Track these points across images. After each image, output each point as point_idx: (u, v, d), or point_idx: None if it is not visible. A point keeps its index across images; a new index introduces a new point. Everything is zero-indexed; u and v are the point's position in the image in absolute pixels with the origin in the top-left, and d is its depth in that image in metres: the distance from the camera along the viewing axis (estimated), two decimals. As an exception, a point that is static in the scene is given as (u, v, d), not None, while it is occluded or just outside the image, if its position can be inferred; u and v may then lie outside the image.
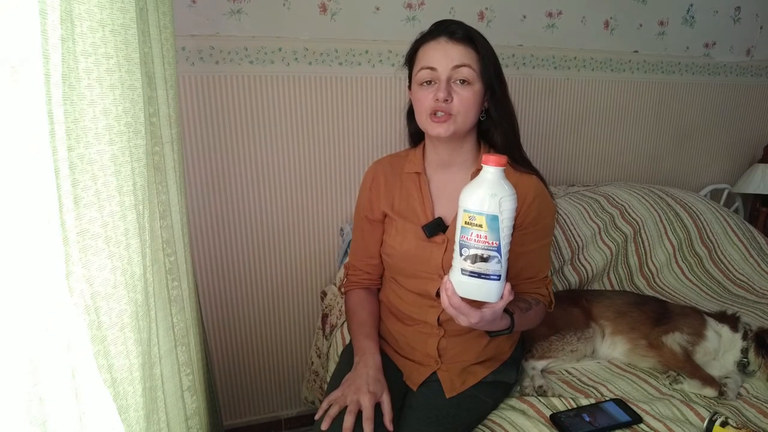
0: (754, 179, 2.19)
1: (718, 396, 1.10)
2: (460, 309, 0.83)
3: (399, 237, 1.09)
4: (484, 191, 0.77)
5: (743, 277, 1.75)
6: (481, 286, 0.80)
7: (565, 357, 1.23)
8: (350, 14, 1.60)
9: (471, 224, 0.78)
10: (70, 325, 0.53)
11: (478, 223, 0.77)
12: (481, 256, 0.78)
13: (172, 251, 0.92)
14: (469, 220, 0.78)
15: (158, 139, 0.86)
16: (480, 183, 0.79)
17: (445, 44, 0.97)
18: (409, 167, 1.11)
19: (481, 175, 0.80)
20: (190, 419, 0.96)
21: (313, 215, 1.75)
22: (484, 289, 0.80)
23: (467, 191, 0.80)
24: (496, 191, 0.77)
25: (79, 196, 0.55)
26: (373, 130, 1.73)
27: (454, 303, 0.83)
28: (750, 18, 2.14)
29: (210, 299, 1.70)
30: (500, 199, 0.77)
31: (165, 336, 0.83)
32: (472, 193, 0.79)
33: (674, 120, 2.16)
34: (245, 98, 1.57)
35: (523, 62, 1.84)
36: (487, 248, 0.78)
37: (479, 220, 0.77)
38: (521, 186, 1.04)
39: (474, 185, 0.79)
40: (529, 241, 1.04)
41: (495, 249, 0.78)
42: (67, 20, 0.52)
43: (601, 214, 1.76)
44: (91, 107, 0.57)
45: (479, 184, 0.79)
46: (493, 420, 1.05)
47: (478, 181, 0.80)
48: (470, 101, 0.98)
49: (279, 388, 1.88)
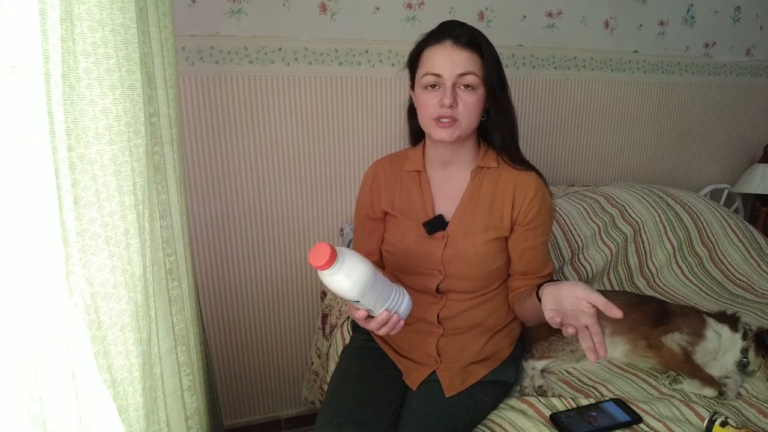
0: (754, 179, 2.19)
1: (718, 396, 1.10)
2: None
3: (399, 234, 1.09)
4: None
5: (743, 277, 1.75)
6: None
7: (565, 357, 1.23)
8: (350, 14, 1.60)
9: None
10: (70, 325, 0.53)
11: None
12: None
13: (172, 251, 0.92)
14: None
15: (158, 139, 0.86)
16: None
17: (451, 49, 0.96)
18: (410, 165, 1.12)
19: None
20: (190, 419, 0.96)
21: (313, 215, 1.75)
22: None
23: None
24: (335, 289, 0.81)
25: (79, 195, 0.55)
26: (373, 130, 1.73)
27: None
28: (750, 18, 2.14)
29: (210, 299, 1.70)
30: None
31: (165, 336, 0.83)
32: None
33: (674, 120, 2.16)
34: (245, 98, 1.57)
35: (523, 62, 1.84)
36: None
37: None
38: (521, 183, 1.05)
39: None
40: (532, 237, 1.05)
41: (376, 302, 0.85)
42: (67, 20, 0.51)
43: (601, 214, 1.76)
44: (91, 107, 0.57)
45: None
46: (493, 420, 1.05)
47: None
48: (474, 106, 0.98)
49: (279, 388, 1.88)
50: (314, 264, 0.76)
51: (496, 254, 1.06)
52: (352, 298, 0.81)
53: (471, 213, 1.06)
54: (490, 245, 1.05)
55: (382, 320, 0.86)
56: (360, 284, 0.79)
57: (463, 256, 1.05)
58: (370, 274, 0.81)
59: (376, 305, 0.84)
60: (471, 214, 1.06)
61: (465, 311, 1.08)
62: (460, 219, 1.06)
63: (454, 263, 1.05)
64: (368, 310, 0.87)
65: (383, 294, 0.85)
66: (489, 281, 1.08)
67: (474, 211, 1.06)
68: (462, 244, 1.05)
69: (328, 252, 0.76)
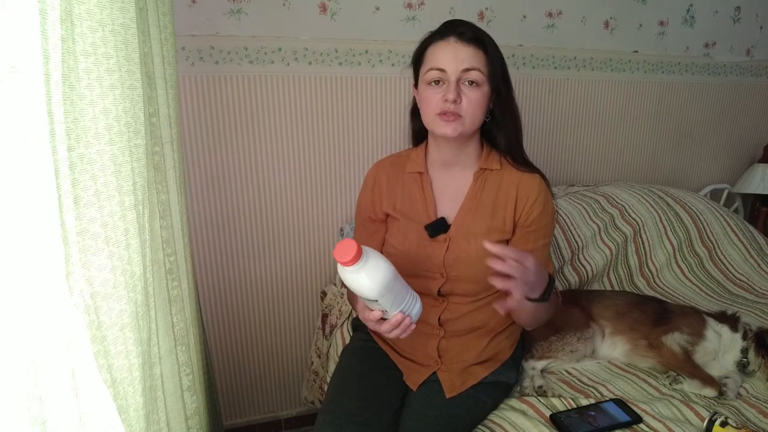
0: (754, 179, 2.19)
1: (718, 396, 1.10)
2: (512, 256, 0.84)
3: (401, 236, 1.09)
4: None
5: (743, 277, 1.75)
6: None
7: (565, 357, 1.23)
8: (350, 14, 1.60)
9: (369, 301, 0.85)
10: (70, 325, 0.53)
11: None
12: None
13: (172, 251, 0.92)
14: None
15: (158, 139, 0.86)
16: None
17: (455, 45, 0.96)
18: (411, 167, 1.11)
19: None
20: (190, 419, 0.96)
21: (313, 215, 1.74)
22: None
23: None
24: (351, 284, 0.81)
25: (79, 195, 0.55)
26: (373, 130, 1.73)
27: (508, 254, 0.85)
28: (750, 18, 2.14)
29: (210, 299, 1.70)
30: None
31: (165, 336, 0.83)
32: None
33: (674, 120, 2.16)
34: (245, 98, 1.57)
35: (523, 62, 1.84)
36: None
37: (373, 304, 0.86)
38: (524, 185, 1.05)
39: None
40: (533, 239, 1.05)
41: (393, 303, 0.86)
42: (67, 20, 0.51)
43: (601, 214, 1.76)
44: (91, 107, 0.57)
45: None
46: (493, 420, 1.05)
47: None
48: (478, 103, 0.98)
49: (279, 388, 1.88)
50: (340, 260, 0.76)
51: None
52: (371, 297, 0.81)
53: (473, 216, 1.06)
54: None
55: (395, 322, 0.86)
56: (382, 284, 0.79)
57: (465, 260, 1.04)
58: (392, 275, 0.81)
59: (392, 306, 0.84)
60: (473, 216, 1.06)
61: (466, 314, 1.08)
62: (462, 222, 1.06)
63: (456, 266, 1.05)
64: (383, 311, 0.86)
65: (400, 295, 0.85)
66: (490, 284, 1.08)
67: (476, 213, 1.06)
68: (464, 247, 1.04)
69: (354, 248, 0.75)
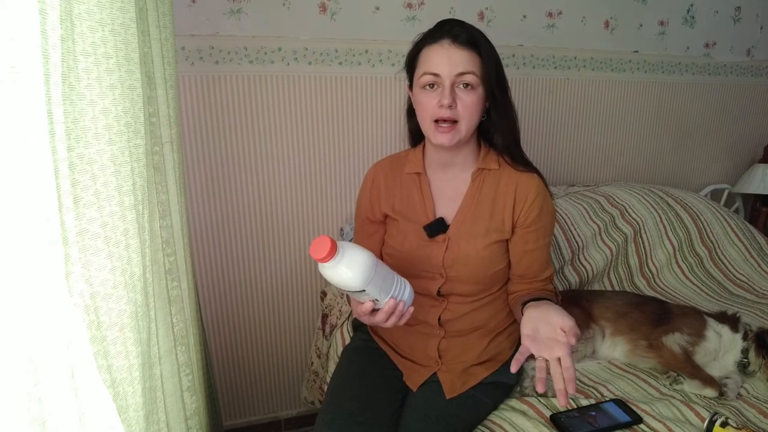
0: (754, 179, 2.19)
1: (719, 396, 1.10)
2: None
3: (400, 237, 1.09)
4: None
5: (743, 277, 1.75)
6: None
7: (565, 357, 1.23)
8: (350, 14, 1.60)
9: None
10: (70, 325, 0.53)
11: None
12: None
13: (172, 251, 0.92)
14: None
15: (158, 139, 0.86)
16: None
17: (449, 48, 0.95)
18: (410, 167, 1.11)
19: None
20: (190, 419, 0.96)
21: (313, 215, 1.74)
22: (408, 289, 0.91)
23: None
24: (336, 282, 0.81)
25: (79, 195, 0.55)
26: (373, 130, 1.73)
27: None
28: (750, 18, 2.14)
29: (210, 299, 1.70)
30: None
31: (165, 336, 0.83)
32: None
33: (674, 120, 2.16)
34: (245, 98, 1.57)
35: (523, 62, 1.84)
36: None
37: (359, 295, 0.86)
38: (522, 185, 1.04)
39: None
40: (532, 239, 1.04)
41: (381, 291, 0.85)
42: (66, 20, 0.51)
43: (602, 215, 1.76)
44: (91, 107, 0.56)
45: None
46: (493, 420, 1.04)
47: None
48: (474, 106, 0.98)
49: (279, 388, 1.88)
50: (315, 256, 0.76)
51: (498, 257, 1.06)
52: (356, 288, 0.81)
53: (472, 216, 1.06)
54: (492, 248, 1.04)
55: (389, 309, 0.85)
56: (363, 272, 0.79)
57: (465, 260, 1.04)
58: (372, 262, 0.81)
59: (381, 294, 0.84)
60: (472, 216, 1.06)
61: (466, 314, 1.08)
62: (461, 222, 1.06)
63: (455, 267, 1.05)
64: (374, 301, 0.86)
65: (387, 282, 0.84)
66: (490, 284, 1.08)
67: (475, 213, 1.06)
68: (463, 247, 1.04)
69: (328, 244, 0.76)
